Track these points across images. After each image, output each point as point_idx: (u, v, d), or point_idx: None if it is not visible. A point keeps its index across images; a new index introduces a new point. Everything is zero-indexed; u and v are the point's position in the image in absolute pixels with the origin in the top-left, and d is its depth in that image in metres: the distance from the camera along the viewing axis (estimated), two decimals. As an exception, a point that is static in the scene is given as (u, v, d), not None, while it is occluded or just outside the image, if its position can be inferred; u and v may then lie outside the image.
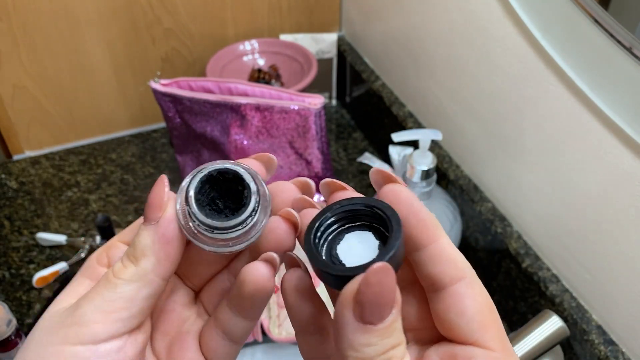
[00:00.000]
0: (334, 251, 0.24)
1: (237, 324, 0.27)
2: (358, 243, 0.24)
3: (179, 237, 0.25)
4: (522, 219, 0.76)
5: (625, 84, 0.55)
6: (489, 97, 0.75)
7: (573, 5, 0.58)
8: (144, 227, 0.25)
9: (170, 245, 0.25)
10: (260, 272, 0.25)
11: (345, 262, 0.24)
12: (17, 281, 0.86)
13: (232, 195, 0.25)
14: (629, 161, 0.57)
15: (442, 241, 0.25)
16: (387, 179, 0.26)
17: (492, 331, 0.24)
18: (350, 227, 0.25)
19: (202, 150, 0.94)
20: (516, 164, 0.74)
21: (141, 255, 0.24)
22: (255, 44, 1.07)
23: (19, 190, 1.00)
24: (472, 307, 0.24)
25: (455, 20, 0.78)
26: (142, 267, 0.24)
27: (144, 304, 0.25)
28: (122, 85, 1.05)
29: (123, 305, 0.24)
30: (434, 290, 0.25)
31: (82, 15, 0.94)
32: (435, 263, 0.24)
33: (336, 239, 0.25)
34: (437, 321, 0.25)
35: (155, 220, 0.24)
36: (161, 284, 0.25)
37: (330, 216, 0.25)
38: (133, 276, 0.24)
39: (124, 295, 0.24)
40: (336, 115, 1.14)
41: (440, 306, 0.24)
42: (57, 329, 0.24)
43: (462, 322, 0.24)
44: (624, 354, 0.64)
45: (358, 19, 1.06)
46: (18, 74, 0.96)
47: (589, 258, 0.66)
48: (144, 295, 0.24)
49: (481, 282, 0.25)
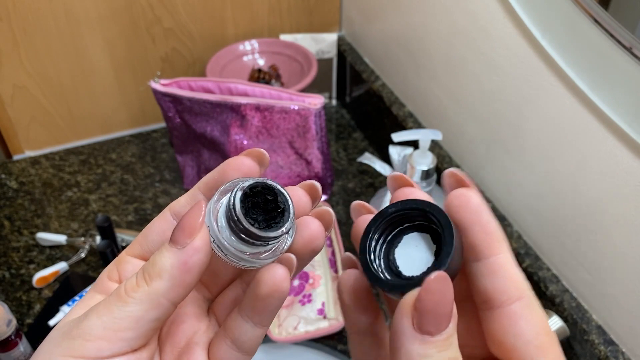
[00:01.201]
0: (392, 255, 0.24)
1: (247, 331, 0.27)
2: (415, 247, 0.24)
3: (200, 267, 0.24)
4: (522, 219, 0.76)
5: (625, 84, 0.55)
6: (489, 97, 0.75)
7: (573, 5, 0.58)
8: (168, 247, 0.24)
9: (189, 274, 0.24)
10: (279, 273, 0.25)
11: (402, 269, 0.24)
12: (17, 281, 0.86)
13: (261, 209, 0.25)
14: (629, 161, 0.57)
15: (505, 256, 0.24)
16: (459, 183, 0.25)
17: (551, 356, 0.23)
18: (408, 227, 0.25)
19: (202, 150, 0.94)
20: (516, 164, 0.74)
21: (156, 276, 0.24)
22: (255, 44, 1.07)
23: (19, 190, 1.00)
24: (531, 330, 0.23)
25: (456, 20, 0.78)
26: (154, 289, 0.24)
27: (150, 325, 0.24)
28: (122, 85, 1.05)
29: (129, 325, 0.23)
30: (488, 308, 0.24)
31: (82, 15, 0.94)
32: (494, 277, 0.24)
33: (394, 241, 0.25)
34: (490, 341, 0.24)
35: (182, 246, 0.24)
36: (171, 308, 0.24)
37: (383, 221, 0.25)
38: (143, 296, 0.23)
39: (131, 314, 0.23)
40: (336, 115, 1.14)
41: (495, 326, 0.24)
42: (62, 340, 0.24)
43: (519, 345, 0.23)
44: (624, 354, 0.64)
45: (358, 19, 1.06)
46: (18, 74, 0.96)
47: (589, 258, 0.66)
48: (152, 318, 0.24)
49: (539, 304, 0.24)
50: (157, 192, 0.99)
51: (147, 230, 0.27)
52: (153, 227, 0.27)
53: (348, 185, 1.00)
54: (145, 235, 0.27)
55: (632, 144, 0.56)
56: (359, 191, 0.98)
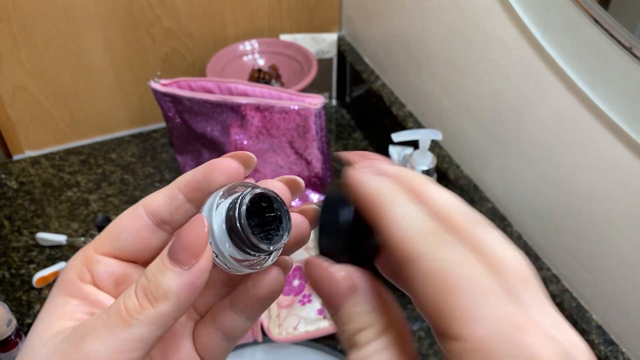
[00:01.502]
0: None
1: (240, 324, 0.27)
2: None
3: (204, 284, 0.24)
4: (522, 219, 0.76)
5: (625, 84, 0.55)
6: (489, 97, 0.75)
7: (573, 5, 0.58)
8: (171, 268, 0.23)
9: (194, 293, 0.23)
10: (276, 275, 0.25)
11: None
12: (17, 281, 0.86)
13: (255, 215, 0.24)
14: (628, 161, 0.57)
15: (389, 212, 0.21)
16: (347, 163, 0.25)
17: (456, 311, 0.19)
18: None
19: (202, 150, 0.94)
20: (516, 164, 0.74)
21: (162, 298, 0.23)
22: (255, 44, 1.07)
23: (19, 190, 1.00)
24: (432, 293, 0.20)
25: (456, 20, 0.78)
26: (160, 311, 0.23)
27: (155, 343, 0.24)
28: (122, 85, 1.05)
29: (135, 347, 0.23)
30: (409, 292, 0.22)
31: (82, 15, 0.94)
32: (389, 246, 0.21)
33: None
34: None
35: (188, 266, 0.23)
36: (173, 324, 0.24)
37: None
38: (149, 318, 0.23)
39: (137, 336, 0.23)
40: (336, 115, 1.14)
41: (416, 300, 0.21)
42: None
43: (422, 313, 0.20)
44: (624, 354, 0.64)
45: (358, 19, 1.06)
46: (18, 74, 0.96)
47: (589, 258, 0.66)
48: (157, 336, 0.23)
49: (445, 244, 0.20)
50: (157, 192, 0.99)
51: (117, 228, 0.26)
52: (124, 224, 0.26)
53: (348, 185, 1.00)
54: (116, 233, 0.26)
55: (632, 144, 0.56)
56: (359, 191, 0.98)
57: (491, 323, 0.19)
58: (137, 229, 0.26)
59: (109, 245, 0.26)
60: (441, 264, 0.20)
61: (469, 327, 0.19)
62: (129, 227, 0.26)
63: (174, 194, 0.26)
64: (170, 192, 0.26)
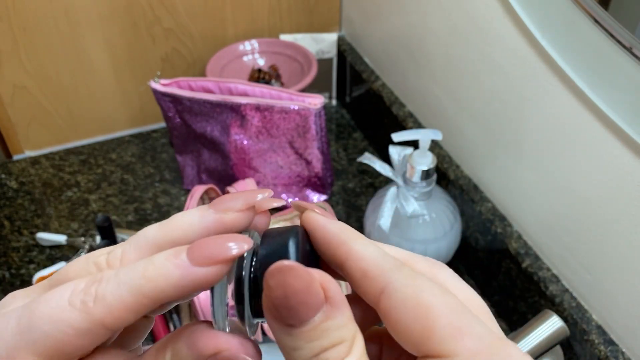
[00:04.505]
0: None
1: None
2: None
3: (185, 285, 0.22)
4: (522, 219, 0.76)
5: (625, 84, 0.55)
6: (489, 97, 0.75)
7: (573, 5, 0.58)
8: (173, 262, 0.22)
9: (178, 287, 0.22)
10: None
11: None
12: (17, 281, 0.86)
13: None
14: (629, 161, 0.57)
15: (356, 249, 0.23)
16: (302, 209, 0.25)
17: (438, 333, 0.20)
18: None
19: (202, 150, 0.94)
20: (516, 164, 0.74)
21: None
22: (255, 44, 1.07)
23: (19, 190, 1.00)
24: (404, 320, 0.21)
25: (456, 20, 0.78)
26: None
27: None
28: (122, 85, 1.05)
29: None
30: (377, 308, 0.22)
31: (82, 15, 0.94)
32: (356, 280, 0.22)
33: None
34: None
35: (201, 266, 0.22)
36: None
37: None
38: None
39: None
40: (336, 115, 1.14)
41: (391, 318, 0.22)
42: None
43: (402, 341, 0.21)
44: (624, 354, 0.64)
45: (358, 19, 1.06)
46: (18, 74, 0.96)
47: (589, 258, 0.66)
48: None
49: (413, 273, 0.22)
50: (157, 192, 0.99)
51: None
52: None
53: (348, 185, 1.00)
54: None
55: (632, 144, 0.56)
56: (358, 191, 0.98)
57: (479, 337, 0.20)
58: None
59: None
60: (416, 290, 0.21)
61: (459, 342, 0.20)
62: None
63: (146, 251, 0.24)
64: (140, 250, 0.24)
